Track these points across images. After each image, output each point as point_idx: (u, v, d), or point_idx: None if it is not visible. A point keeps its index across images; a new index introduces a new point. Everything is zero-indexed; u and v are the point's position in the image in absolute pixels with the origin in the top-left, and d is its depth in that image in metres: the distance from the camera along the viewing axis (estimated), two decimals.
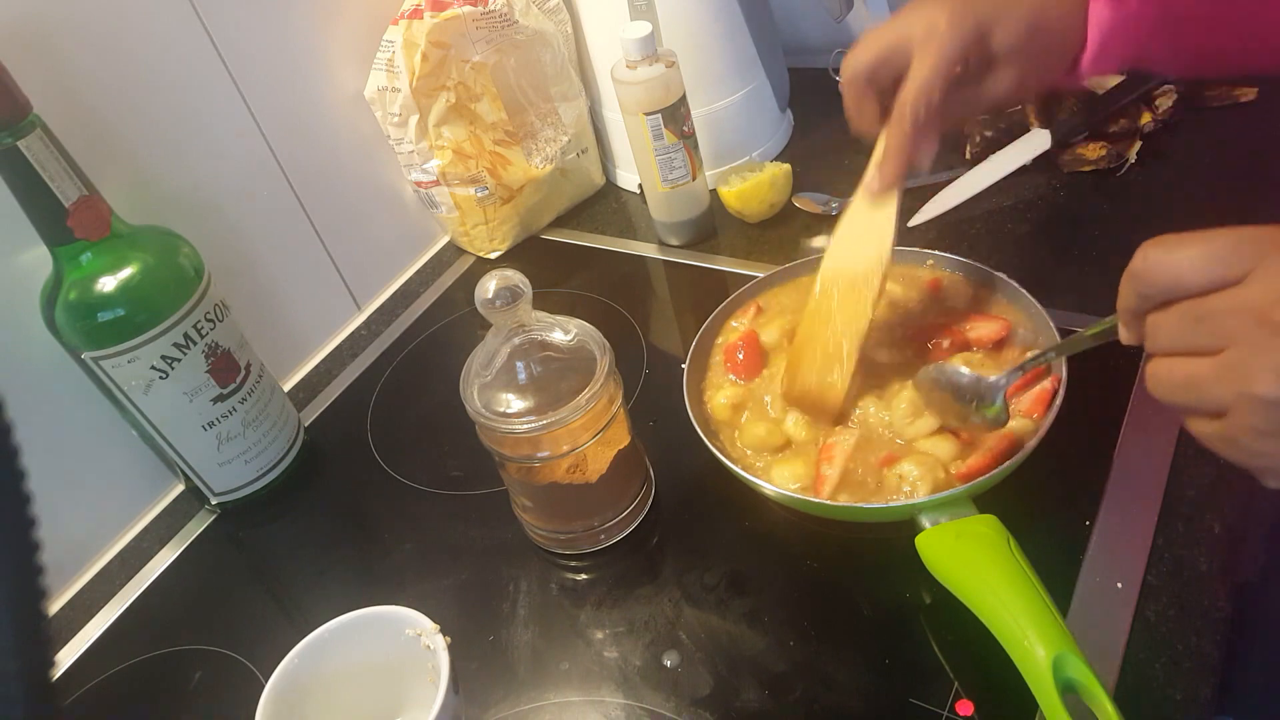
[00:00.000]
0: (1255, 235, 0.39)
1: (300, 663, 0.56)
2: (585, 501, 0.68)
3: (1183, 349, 0.41)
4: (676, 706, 0.59)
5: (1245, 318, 0.38)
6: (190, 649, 0.71)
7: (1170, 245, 0.41)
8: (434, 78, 0.91)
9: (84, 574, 0.79)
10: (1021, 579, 0.52)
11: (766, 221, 0.97)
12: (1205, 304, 0.40)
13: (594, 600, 0.67)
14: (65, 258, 0.68)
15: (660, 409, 0.78)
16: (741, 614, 0.63)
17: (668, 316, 0.93)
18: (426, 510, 0.77)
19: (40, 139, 0.63)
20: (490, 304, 0.61)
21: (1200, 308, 0.40)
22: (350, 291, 0.99)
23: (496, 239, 1.02)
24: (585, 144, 1.05)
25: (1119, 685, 0.54)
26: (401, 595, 0.64)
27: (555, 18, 0.99)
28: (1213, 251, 0.40)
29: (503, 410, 0.63)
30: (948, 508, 0.59)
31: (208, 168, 0.83)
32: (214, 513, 0.82)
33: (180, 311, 0.71)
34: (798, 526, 0.68)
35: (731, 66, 0.99)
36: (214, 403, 0.75)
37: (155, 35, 0.77)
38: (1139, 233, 0.82)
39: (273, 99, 0.87)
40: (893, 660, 0.59)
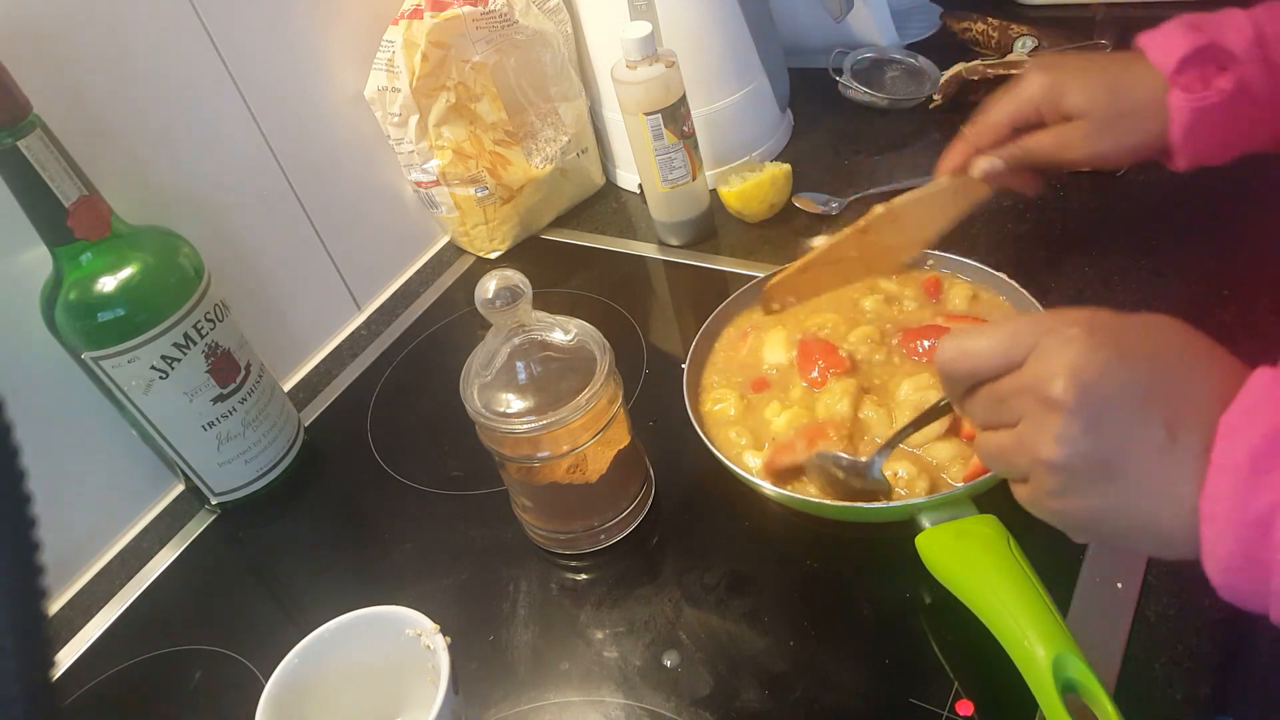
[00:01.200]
0: (1028, 324, 0.45)
1: (300, 663, 0.56)
2: (585, 501, 0.68)
3: (991, 424, 0.47)
4: (676, 706, 0.59)
5: (1028, 396, 0.43)
6: (190, 649, 0.71)
7: (963, 341, 0.47)
8: (434, 78, 0.91)
9: (84, 574, 0.79)
10: (1021, 579, 0.52)
11: (766, 221, 0.97)
12: (998, 387, 0.45)
13: (594, 600, 0.67)
14: (65, 258, 0.68)
15: (660, 409, 0.78)
16: (741, 614, 0.63)
17: (668, 316, 0.93)
18: (426, 510, 0.77)
19: (40, 139, 0.63)
20: (490, 304, 0.61)
21: (995, 390, 0.45)
22: (350, 291, 0.99)
23: (496, 239, 1.02)
24: (585, 144, 1.05)
25: (1119, 685, 0.54)
26: (401, 595, 0.64)
27: (555, 18, 0.99)
28: (997, 342, 0.45)
29: (503, 410, 0.63)
30: (948, 508, 0.59)
31: (208, 168, 0.83)
32: (214, 513, 0.82)
33: (180, 311, 0.71)
34: (798, 526, 0.68)
35: (731, 66, 0.99)
36: (214, 403, 0.75)
37: (155, 35, 0.77)
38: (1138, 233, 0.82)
39: (273, 99, 0.87)
40: (893, 660, 0.59)
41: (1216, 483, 0.38)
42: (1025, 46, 1.06)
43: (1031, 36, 1.06)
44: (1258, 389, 0.39)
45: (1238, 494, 0.37)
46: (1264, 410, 0.38)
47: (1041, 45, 1.05)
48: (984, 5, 1.12)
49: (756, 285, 0.79)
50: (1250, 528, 0.37)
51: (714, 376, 0.75)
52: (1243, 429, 0.38)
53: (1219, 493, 0.38)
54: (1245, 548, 0.37)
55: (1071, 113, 0.68)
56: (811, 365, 0.72)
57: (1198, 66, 0.63)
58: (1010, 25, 1.08)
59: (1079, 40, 1.05)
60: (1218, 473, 0.38)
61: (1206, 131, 0.64)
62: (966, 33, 1.12)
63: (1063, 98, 0.68)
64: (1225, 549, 0.38)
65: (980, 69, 1.00)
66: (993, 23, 1.09)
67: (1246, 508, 0.37)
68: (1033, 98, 0.69)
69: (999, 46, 1.08)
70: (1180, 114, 0.64)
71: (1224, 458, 0.38)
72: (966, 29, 1.11)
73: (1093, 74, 0.68)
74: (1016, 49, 1.06)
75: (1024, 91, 0.70)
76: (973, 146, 0.72)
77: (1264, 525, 0.37)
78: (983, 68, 1.00)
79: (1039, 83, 0.69)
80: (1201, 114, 0.63)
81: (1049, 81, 0.68)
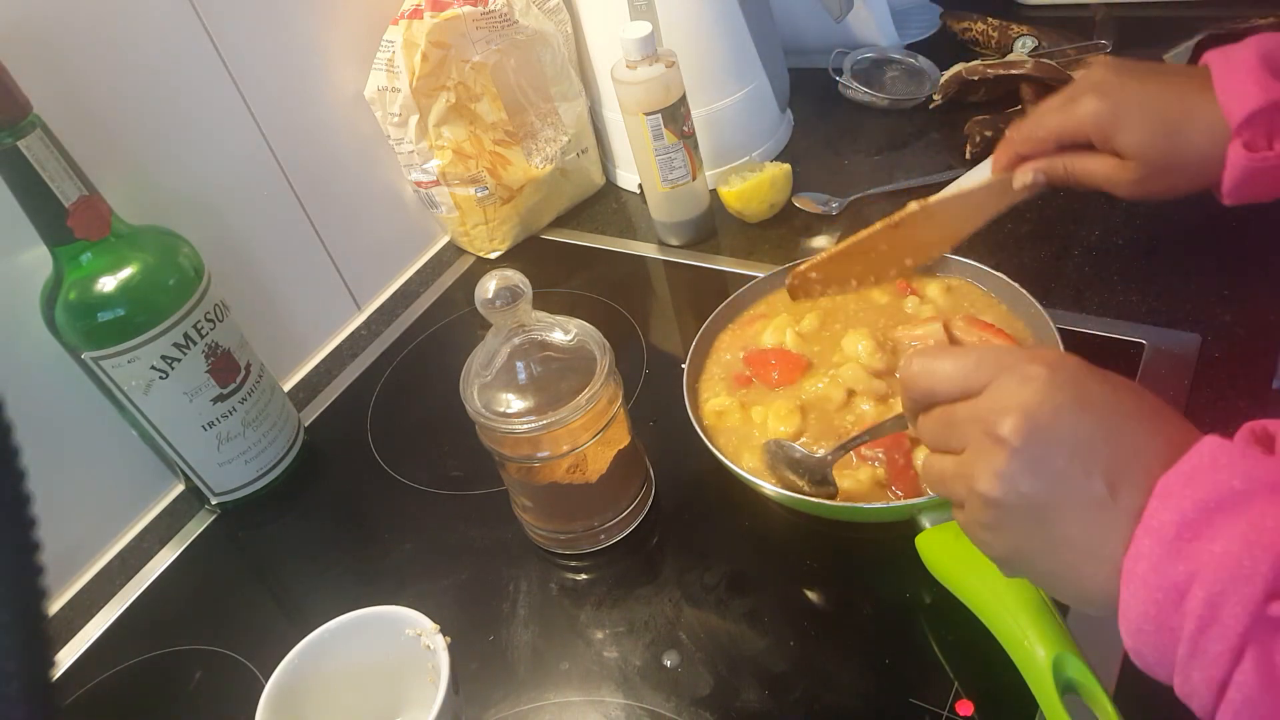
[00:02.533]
0: (995, 354, 0.45)
1: (300, 663, 0.56)
2: (585, 501, 0.68)
3: (939, 447, 0.47)
4: (676, 706, 0.59)
5: (977, 426, 0.43)
6: (190, 649, 0.71)
7: (929, 358, 0.47)
8: (434, 78, 0.91)
9: (84, 574, 0.79)
10: (1021, 579, 0.52)
11: (766, 221, 0.97)
12: (952, 411, 0.45)
13: (594, 600, 0.67)
14: (65, 258, 0.68)
15: (660, 409, 0.78)
16: (741, 614, 0.63)
17: (668, 316, 0.93)
18: (426, 510, 0.77)
19: (40, 139, 0.63)
20: (490, 304, 0.61)
21: (948, 414, 0.46)
22: (350, 291, 0.99)
23: (496, 239, 1.02)
24: (585, 144, 1.05)
25: (1119, 685, 0.54)
26: (401, 595, 0.64)
27: (555, 18, 0.99)
28: (960, 367, 0.45)
29: (503, 410, 0.63)
30: (948, 508, 0.58)
31: (208, 168, 0.83)
32: (214, 513, 0.82)
33: (180, 311, 0.71)
34: (798, 526, 0.68)
35: (731, 66, 0.99)
36: (214, 403, 0.75)
37: (155, 35, 0.77)
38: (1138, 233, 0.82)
39: (273, 99, 0.87)
40: (893, 660, 0.59)
41: (1141, 543, 0.38)
42: (1025, 46, 1.06)
43: (1031, 36, 1.06)
44: (1203, 455, 0.38)
45: (1159, 558, 0.37)
46: (1201, 479, 0.37)
47: (1041, 45, 1.05)
48: (984, 5, 1.12)
49: (759, 283, 0.79)
50: (1165, 592, 0.37)
51: (714, 370, 0.75)
52: (1177, 494, 0.38)
53: (1141, 552, 0.38)
54: (1158, 612, 0.37)
55: (1124, 153, 0.64)
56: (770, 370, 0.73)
57: (1265, 122, 0.59)
58: (1010, 25, 1.08)
59: (1079, 40, 1.05)
60: (1144, 533, 0.38)
61: (1259, 186, 0.62)
62: (966, 33, 1.12)
63: (1118, 133, 0.64)
64: (1138, 611, 0.38)
65: (980, 69, 1.00)
66: (993, 23, 1.09)
67: (1164, 572, 0.37)
68: (1084, 123, 0.65)
69: (999, 46, 1.09)
70: (1235, 169, 0.61)
71: (1153, 518, 0.38)
72: (966, 29, 1.12)
73: (1152, 109, 0.63)
74: (1016, 49, 1.06)
75: (1077, 113, 0.66)
76: (1017, 151, 0.69)
77: (1179, 593, 0.36)
78: (983, 68, 1.00)
79: (1094, 110, 0.65)
80: (1257, 172, 0.61)
81: (1106, 111, 0.64)
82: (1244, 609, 0.34)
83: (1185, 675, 0.37)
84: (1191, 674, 0.36)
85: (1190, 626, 0.36)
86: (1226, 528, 0.36)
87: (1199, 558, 0.36)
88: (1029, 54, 1.04)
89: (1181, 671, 0.37)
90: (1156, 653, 0.38)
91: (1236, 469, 0.37)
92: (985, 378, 0.44)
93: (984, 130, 0.95)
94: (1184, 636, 0.36)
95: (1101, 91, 0.65)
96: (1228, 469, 0.37)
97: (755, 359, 0.74)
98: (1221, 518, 0.36)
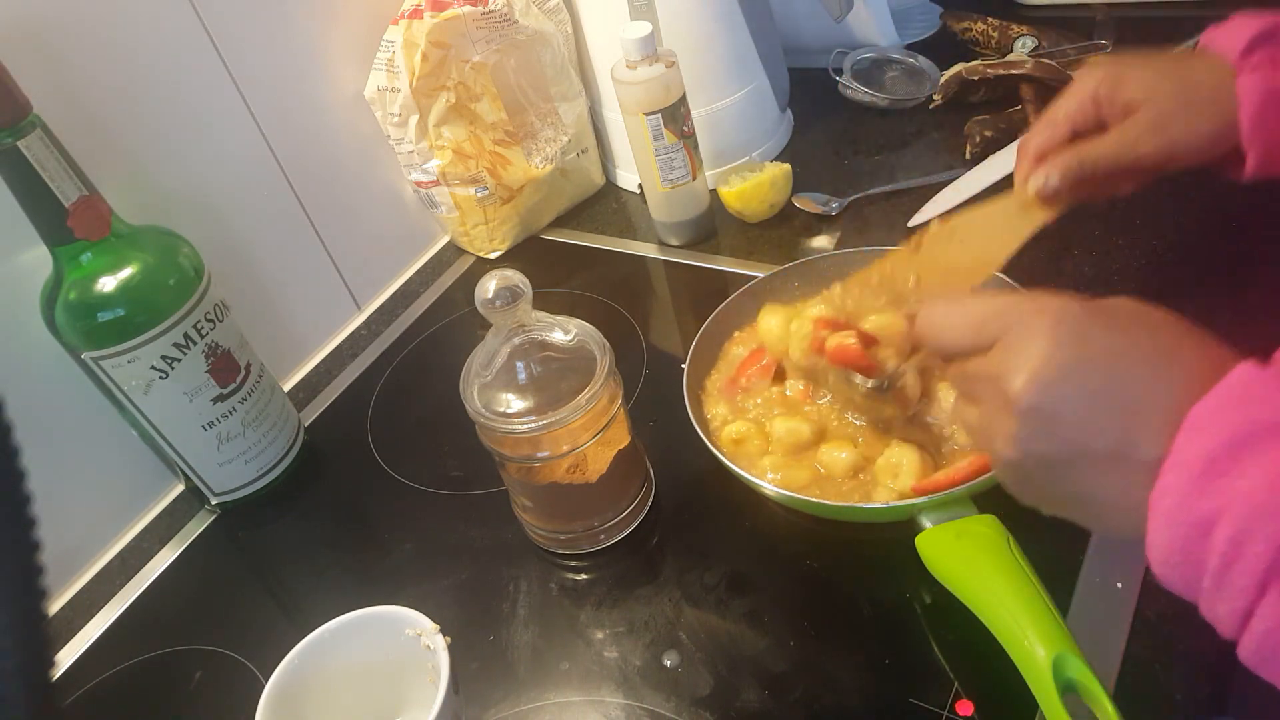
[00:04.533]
0: (1005, 306, 0.44)
1: (300, 663, 0.56)
2: (585, 501, 0.68)
3: (963, 395, 0.48)
4: (676, 706, 0.59)
5: (989, 384, 0.43)
6: (190, 649, 0.71)
7: (937, 314, 0.47)
8: (434, 78, 0.91)
9: (84, 574, 0.79)
10: (1021, 579, 0.52)
11: (766, 221, 0.97)
12: (966, 367, 0.46)
13: (594, 600, 0.67)
14: (65, 258, 0.68)
15: (660, 409, 0.78)
16: (741, 614, 0.63)
17: (668, 316, 0.93)
18: (426, 510, 0.77)
19: (40, 139, 0.63)
20: (490, 304, 0.61)
21: (964, 370, 0.46)
22: (350, 291, 0.99)
23: (496, 239, 1.02)
24: (585, 144, 1.05)
25: (1119, 685, 0.54)
26: (401, 595, 0.64)
27: (555, 18, 0.99)
28: (969, 322, 0.45)
29: (503, 410, 0.63)
30: (948, 508, 0.59)
31: (208, 168, 0.83)
32: (214, 513, 0.82)
33: (180, 311, 0.71)
34: (798, 526, 0.68)
35: (731, 66, 0.99)
36: (214, 403, 0.75)
37: (155, 35, 0.77)
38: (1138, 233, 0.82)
39: (273, 99, 0.87)
40: (893, 660, 0.59)
41: (1167, 478, 0.38)
42: (1025, 46, 1.06)
43: (1031, 36, 1.06)
44: (1234, 386, 0.38)
45: (1185, 494, 0.37)
46: (1231, 411, 0.37)
47: (1041, 45, 1.05)
48: (984, 5, 1.12)
49: (758, 286, 0.79)
50: (1191, 528, 0.37)
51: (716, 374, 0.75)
52: (1205, 428, 0.37)
53: (1168, 488, 0.38)
54: (1184, 545, 0.37)
55: (1133, 102, 0.62)
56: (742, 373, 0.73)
57: (1266, 49, 0.58)
58: (1010, 25, 1.08)
59: (1079, 40, 1.05)
60: (1171, 468, 0.38)
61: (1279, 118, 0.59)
62: (966, 33, 1.12)
63: (1121, 86, 0.62)
64: (1165, 543, 0.38)
65: (980, 69, 1.00)
66: (993, 23, 1.09)
67: (1191, 508, 0.37)
68: (1089, 90, 0.63)
69: (999, 46, 1.09)
70: (1250, 96, 0.58)
71: (1180, 453, 0.38)
72: (966, 29, 1.12)
73: (1152, 65, 0.63)
74: (1016, 49, 1.06)
75: (1079, 87, 0.64)
76: (1032, 156, 0.66)
77: (1205, 528, 0.36)
78: (983, 68, 1.00)
79: (1094, 75, 0.64)
80: (1273, 95, 0.58)
81: (1105, 73, 0.63)
82: (1268, 545, 0.35)
83: (1210, 604, 0.38)
84: (1217, 604, 0.37)
85: (1215, 561, 0.36)
86: (1253, 463, 0.36)
87: (1225, 494, 0.36)
88: (1029, 54, 1.04)
89: (1207, 600, 0.38)
90: (1183, 582, 0.38)
91: (1270, 401, 0.37)
92: (993, 332, 0.44)
93: (984, 130, 0.95)
94: (1209, 569, 0.37)
95: (1098, 64, 0.65)
96: (1261, 401, 0.37)
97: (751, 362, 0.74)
98: (1248, 452, 0.36)
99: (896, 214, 0.92)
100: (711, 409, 0.73)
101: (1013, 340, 0.43)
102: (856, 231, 0.93)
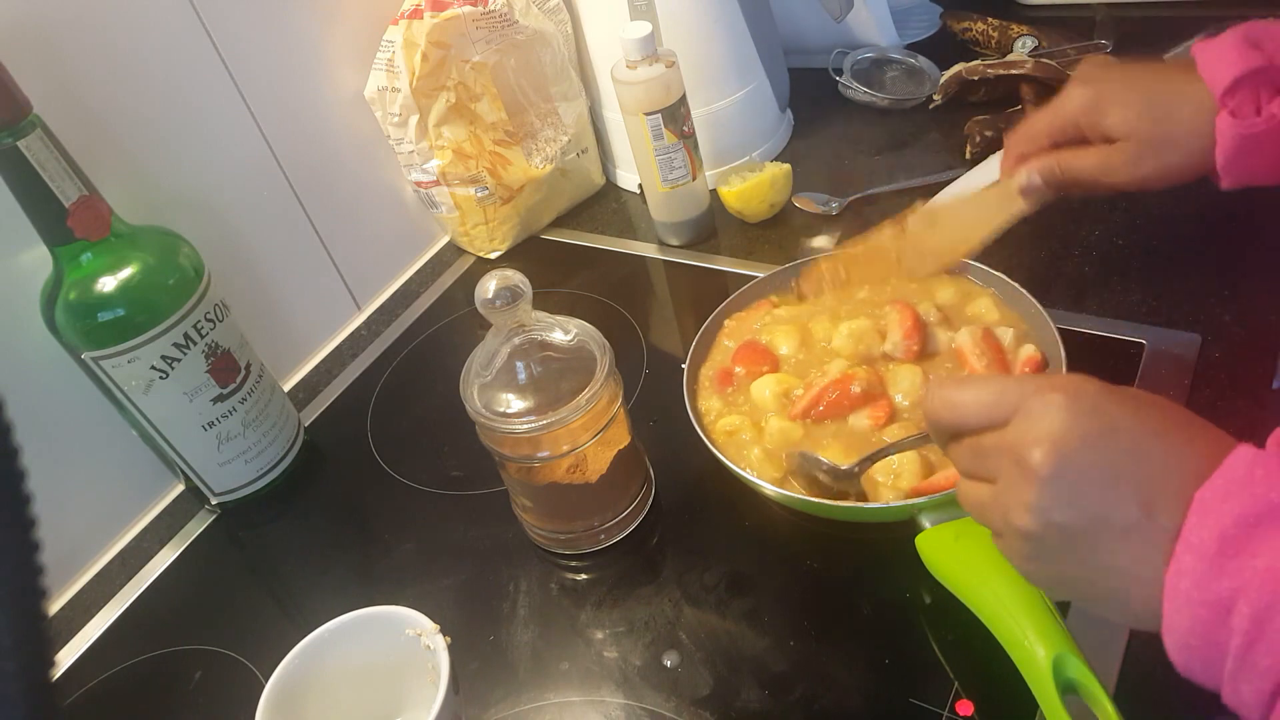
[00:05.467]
0: (1017, 385, 0.44)
1: (300, 663, 0.56)
2: (585, 501, 0.68)
3: (972, 475, 0.47)
4: (676, 706, 0.59)
5: (1006, 457, 0.43)
6: (190, 649, 0.71)
7: (951, 391, 0.47)
8: (434, 78, 0.91)
9: (84, 574, 0.79)
10: (1021, 579, 0.52)
11: (766, 221, 0.97)
12: (981, 442, 0.45)
13: (594, 600, 0.67)
14: (65, 258, 0.68)
15: (660, 409, 0.78)
16: (741, 614, 0.63)
17: (668, 316, 0.93)
18: (426, 510, 0.77)
19: (40, 139, 0.63)
20: (490, 304, 0.61)
21: (978, 445, 0.46)
22: (350, 291, 0.99)
23: (496, 239, 1.02)
24: (585, 144, 1.05)
25: (1119, 685, 0.54)
26: (401, 595, 0.64)
27: (555, 18, 0.99)
28: (984, 399, 0.45)
29: (503, 410, 0.63)
30: (948, 508, 0.59)
31: (208, 168, 0.83)
32: (214, 513, 0.82)
33: (180, 311, 0.71)
34: (798, 526, 0.68)
35: (731, 66, 0.99)
36: (214, 403, 0.75)
37: (155, 35, 0.77)
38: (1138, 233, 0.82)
39: (273, 99, 0.87)
40: (893, 660, 0.59)
41: (1182, 560, 0.38)
42: (1025, 46, 1.06)
43: (1031, 36, 1.06)
44: (1238, 467, 0.38)
45: (1201, 574, 0.37)
46: (1238, 492, 0.37)
47: (1041, 45, 1.05)
48: (984, 5, 1.12)
49: (760, 283, 0.79)
50: (1210, 609, 0.37)
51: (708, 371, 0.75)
52: (1215, 509, 0.37)
53: (1184, 569, 0.38)
54: (1204, 628, 0.37)
55: (1112, 134, 0.64)
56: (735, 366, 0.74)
57: (1250, 90, 0.59)
58: (1010, 25, 1.08)
59: (1079, 40, 1.05)
60: (1185, 550, 0.38)
61: (1253, 158, 0.61)
62: (966, 33, 1.12)
63: (1104, 115, 0.64)
64: (1184, 626, 0.38)
65: (980, 69, 1.00)
66: (993, 23, 1.09)
67: (1208, 588, 0.37)
68: (1072, 113, 0.66)
69: (999, 46, 1.09)
70: (1225, 139, 0.60)
71: (1193, 535, 0.38)
72: (966, 29, 1.12)
73: (1136, 91, 0.64)
74: (1016, 49, 1.06)
75: (1064, 106, 0.67)
76: (1016, 152, 0.69)
77: (1224, 609, 0.36)
78: (983, 68, 1.00)
79: (1080, 97, 0.66)
80: (1249, 141, 0.60)
81: (1090, 96, 0.65)
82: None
83: (1234, 688, 0.37)
84: (1240, 687, 0.37)
85: (1237, 642, 0.36)
86: (1268, 541, 0.36)
87: (1242, 574, 0.36)
88: (1029, 54, 1.04)
89: (1229, 684, 0.37)
90: (1203, 666, 0.38)
91: (1274, 481, 0.37)
92: (1009, 409, 0.43)
93: (984, 130, 0.95)
94: (1231, 652, 0.36)
95: (1087, 81, 0.66)
96: (1264, 481, 0.37)
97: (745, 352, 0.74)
98: (1262, 532, 0.36)
99: (896, 214, 0.92)
100: (705, 402, 0.73)
101: (1031, 413, 0.42)
102: (856, 231, 0.92)
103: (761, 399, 0.70)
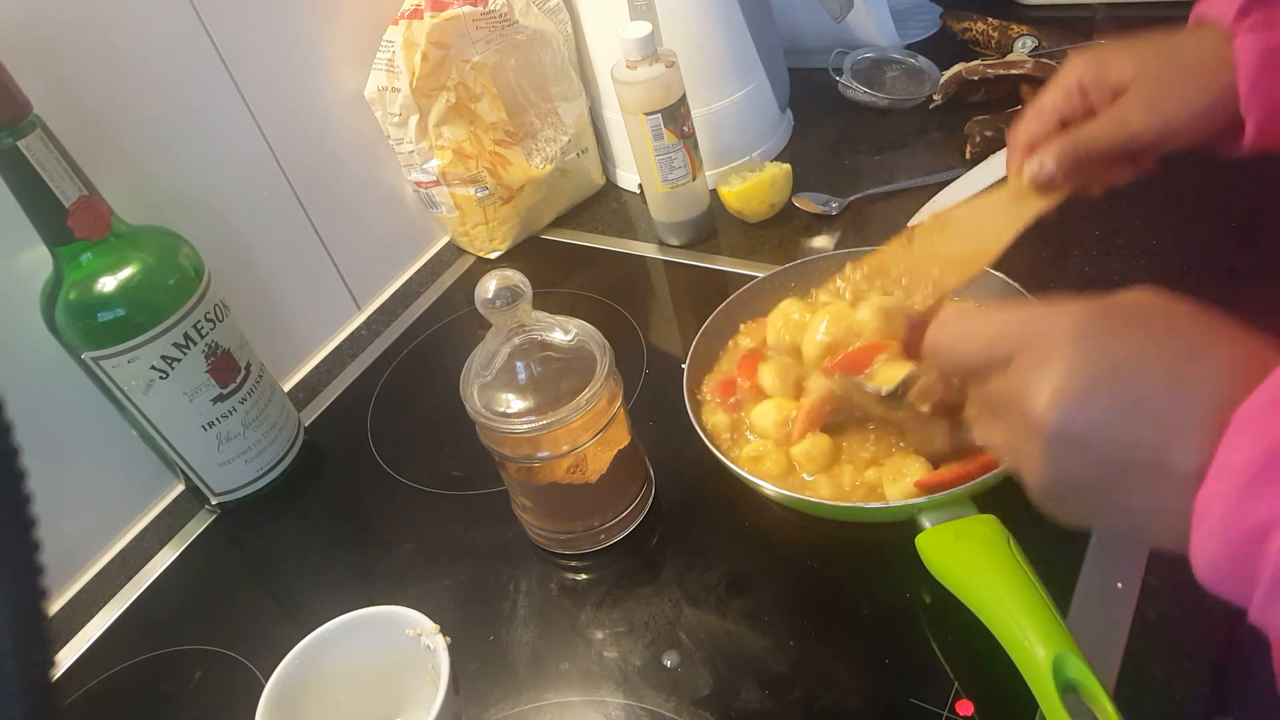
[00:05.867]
0: (1018, 319, 0.43)
1: (300, 663, 0.56)
2: (585, 501, 0.68)
3: (987, 415, 0.46)
4: (676, 706, 0.59)
5: (1011, 405, 0.42)
6: (190, 649, 0.71)
7: (949, 330, 0.46)
8: (434, 78, 0.91)
9: (84, 574, 0.79)
10: (1021, 579, 0.52)
11: (766, 221, 0.97)
12: (985, 385, 0.44)
13: (594, 600, 0.67)
14: (65, 258, 0.68)
15: (660, 409, 0.78)
16: (741, 614, 0.63)
17: (668, 316, 0.93)
18: (426, 510, 0.77)
19: (40, 139, 0.63)
20: (490, 304, 0.61)
21: (984, 392, 0.45)
22: (350, 291, 0.99)
23: (496, 239, 1.02)
24: (585, 144, 1.05)
25: (1119, 685, 0.54)
26: (401, 595, 0.64)
27: (555, 18, 0.99)
28: (981, 338, 0.44)
29: (503, 410, 0.63)
30: (948, 508, 0.59)
31: (208, 168, 0.83)
32: (214, 513, 0.82)
33: (180, 311, 0.71)
34: (798, 526, 0.68)
35: (731, 66, 0.99)
36: (214, 403, 0.75)
37: (155, 35, 0.77)
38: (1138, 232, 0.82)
39: (273, 99, 0.87)
40: (893, 660, 0.59)
41: (1214, 484, 0.36)
42: (1025, 46, 1.06)
43: (1031, 36, 1.06)
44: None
45: (1235, 501, 0.35)
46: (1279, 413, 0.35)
47: (1041, 45, 1.05)
48: (984, 5, 1.12)
49: (757, 286, 0.79)
50: (1244, 535, 0.35)
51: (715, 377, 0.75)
52: (1253, 429, 0.35)
53: (1215, 493, 0.36)
54: (1236, 553, 0.35)
55: (1121, 82, 0.59)
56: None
57: (1262, 10, 0.55)
58: (1010, 25, 1.08)
59: (1079, 40, 1.05)
60: (1218, 474, 0.36)
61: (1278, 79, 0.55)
62: (966, 33, 1.12)
63: (1107, 69, 0.60)
64: (1213, 551, 0.36)
65: (980, 69, 1.00)
66: (993, 23, 1.09)
67: (1243, 515, 0.35)
68: (1075, 78, 0.61)
69: (999, 46, 1.09)
70: (1247, 57, 0.55)
71: (1226, 458, 0.36)
72: (966, 29, 1.12)
73: (1137, 45, 0.60)
74: (1016, 49, 1.06)
75: (1064, 76, 0.62)
76: (1023, 146, 0.64)
77: (1259, 535, 0.34)
78: (983, 68, 1.00)
79: (1079, 61, 0.61)
80: (1272, 55, 0.54)
81: (1089, 59, 0.61)
82: None
83: (1263, 612, 0.36)
84: (1270, 612, 0.35)
85: (1270, 571, 0.34)
86: None
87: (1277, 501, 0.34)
88: (1029, 54, 1.04)
89: (1259, 608, 0.36)
90: (1233, 589, 0.36)
91: None
92: (1008, 349, 0.42)
93: (984, 130, 0.95)
94: (1265, 578, 0.34)
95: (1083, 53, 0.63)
96: None
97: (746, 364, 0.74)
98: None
99: (896, 214, 0.92)
100: (709, 417, 0.72)
101: (1030, 356, 0.41)
102: (856, 231, 0.93)
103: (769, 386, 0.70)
